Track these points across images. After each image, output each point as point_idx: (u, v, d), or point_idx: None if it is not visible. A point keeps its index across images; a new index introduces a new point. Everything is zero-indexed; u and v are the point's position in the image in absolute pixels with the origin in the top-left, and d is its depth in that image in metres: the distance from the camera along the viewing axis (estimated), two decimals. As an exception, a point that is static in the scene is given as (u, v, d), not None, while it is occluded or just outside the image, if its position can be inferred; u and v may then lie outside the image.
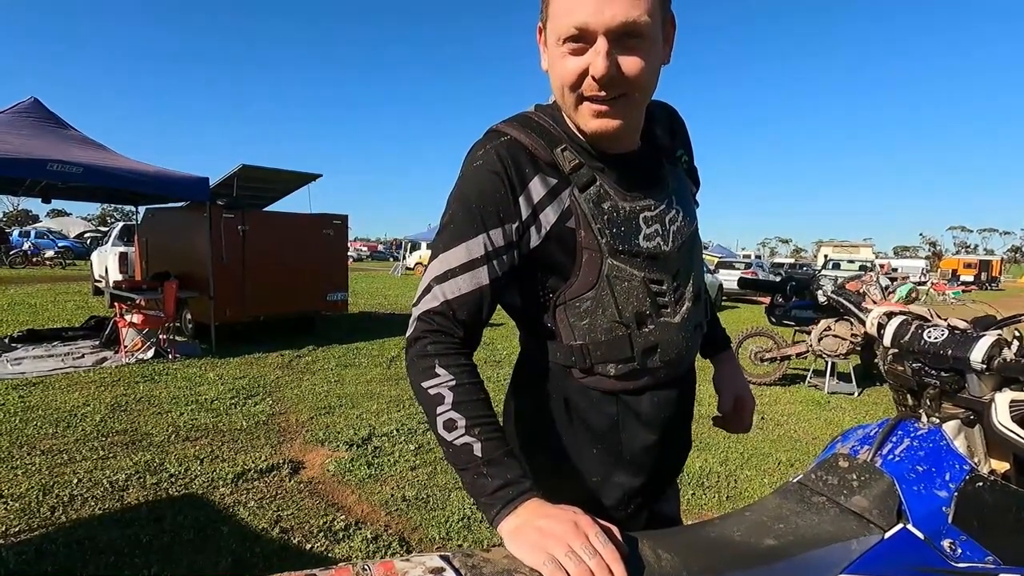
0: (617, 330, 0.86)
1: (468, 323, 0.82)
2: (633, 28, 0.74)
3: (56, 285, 14.24)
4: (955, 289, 18.98)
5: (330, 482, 3.20)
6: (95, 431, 3.81)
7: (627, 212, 0.86)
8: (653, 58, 0.79)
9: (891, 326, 0.99)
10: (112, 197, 8.52)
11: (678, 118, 1.03)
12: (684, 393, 0.98)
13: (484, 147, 0.85)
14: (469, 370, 0.79)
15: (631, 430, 0.92)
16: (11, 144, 5.54)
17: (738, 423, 1.15)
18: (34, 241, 24.33)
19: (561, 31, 0.77)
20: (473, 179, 0.84)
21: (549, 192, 0.84)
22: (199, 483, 3.09)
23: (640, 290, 0.86)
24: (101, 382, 5.08)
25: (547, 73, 0.85)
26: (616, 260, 0.85)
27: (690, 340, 0.94)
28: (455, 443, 0.74)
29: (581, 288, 0.86)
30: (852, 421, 4.84)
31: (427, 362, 0.78)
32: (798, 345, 5.92)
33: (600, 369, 0.88)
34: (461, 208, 0.83)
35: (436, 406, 0.76)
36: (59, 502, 2.79)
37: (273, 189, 8.70)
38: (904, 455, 0.87)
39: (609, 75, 0.75)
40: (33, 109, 6.38)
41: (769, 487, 3.35)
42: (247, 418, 4.24)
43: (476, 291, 0.81)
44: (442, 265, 0.82)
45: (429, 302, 0.81)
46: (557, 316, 0.88)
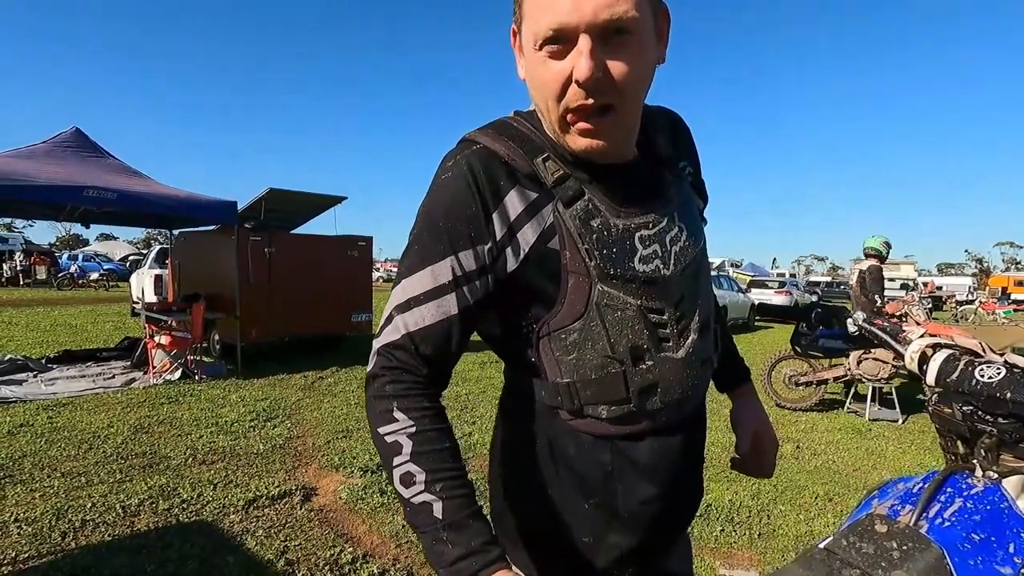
0: (609, 367, 0.75)
1: (433, 359, 0.72)
2: (619, 24, 0.65)
3: (98, 307, 14.77)
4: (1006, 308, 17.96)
5: (341, 510, 3.11)
6: (115, 453, 3.82)
7: (620, 230, 0.75)
8: (645, 57, 0.70)
9: (935, 361, 0.85)
10: (147, 221, 8.79)
11: (682, 125, 0.92)
12: (691, 439, 0.84)
13: (454, 157, 0.76)
14: (432, 414, 0.69)
15: (628, 481, 0.79)
16: (51, 172, 5.76)
17: (758, 467, 1.01)
18: (81, 264, 25.41)
19: (538, 32, 0.68)
20: (440, 194, 0.74)
21: (528, 207, 0.74)
22: (210, 509, 3.04)
23: (636, 320, 0.75)
24: (128, 403, 5.15)
25: (525, 82, 0.76)
26: (607, 286, 0.74)
27: (696, 378, 0.81)
28: (412, 501, 0.65)
29: (567, 318, 0.75)
30: (896, 452, 4.52)
31: (384, 404, 0.69)
32: (835, 368, 5.58)
33: (591, 411, 0.76)
34: (427, 227, 0.74)
35: (393, 456, 0.66)
36: (71, 527, 2.78)
37: (300, 212, 8.85)
38: (956, 519, 0.73)
39: (595, 78, 0.66)
40: (74, 139, 6.65)
41: (805, 523, 3.11)
42: (265, 441, 4.20)
43: (443, 322, 0.72)
44: (405, 292, 0.72)
45: (390, 334, 0.72)
46: (541, 349, 0.77)
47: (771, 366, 6.01)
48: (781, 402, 5.81)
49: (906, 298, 6.52)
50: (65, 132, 6.69)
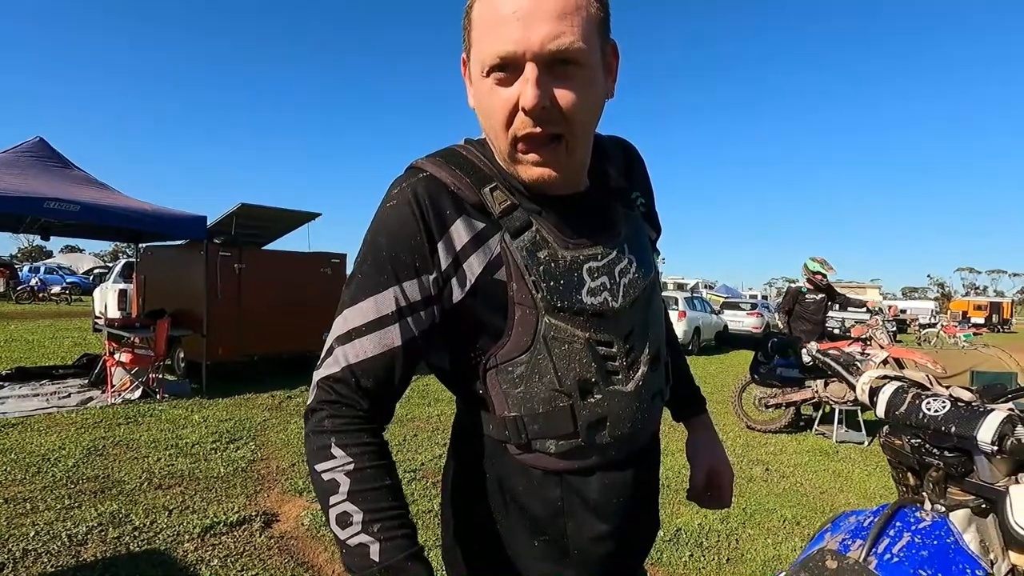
0: (557, 400, 0.73)
1: (375, 392, 0.70)
2: (566, 54, 0.65)
3: (59, 321, 14.23)
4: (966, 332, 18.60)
5: (303, 537, 3.01)
6: (65, 477, 3.64)
7: (568, 262, 0.74)
8: (592, 89, 0.70)
9: (884, 394, 0.86)
10: (111, 234, 8.54)
11: (635, 155, 0.92)
12: (642, 473, 0.82)
13: (400, 186, 0.74)
14: (373, 450, 0.67)
15: (578, 518, 0.77)
16: (11, 182, 5.57)
17: (714, 500, 1.00)
18: (42, 277, 24.52)
19: (485, 60, 0.67)
20: (385, 222, 0.73)
21: (474, 238, 0.73)
22: (163, 537, 2.90)
23: (584, 354, 0.73)
24: (82, 423, 4.93)
25: (474, 111, 0.75)
26: (555, 318, 0.72)
27: (647, 412, 0.80)
28: (348, 543, 0.62)
29: (514, 350, 0.73)
30: (862, 474, 4.58)
31: (322, 440, 0.66)
32: (804, 391, 5.67)
33: (539, 445, 0.74)
34: (371, 255, 0.72)
35: (329, 495, 0.64)
36: (10, 558, 2.62)
37: (272, 228, 8.71)
38: (904, 554, 0.73)
39: (541, 106, 0.65)
40: (37, 148, 6.46)
41: (772, 548, 3.11)
42: (226, 464, 4.06)
43: (385, 354, 0.69)
44: (346, 323, 0.70)
45: (330, 367, 0.70)
46: (488, 382, 0.75)
47: (741, 388, 6.07)
48: (751, 424, 5.87)
49: (870, 322, 6.72)
50: (28, 142, 6.50)
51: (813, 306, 6.15)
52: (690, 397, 1.03)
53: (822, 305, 6.23)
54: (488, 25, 0.67)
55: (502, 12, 0.65)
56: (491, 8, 0.66)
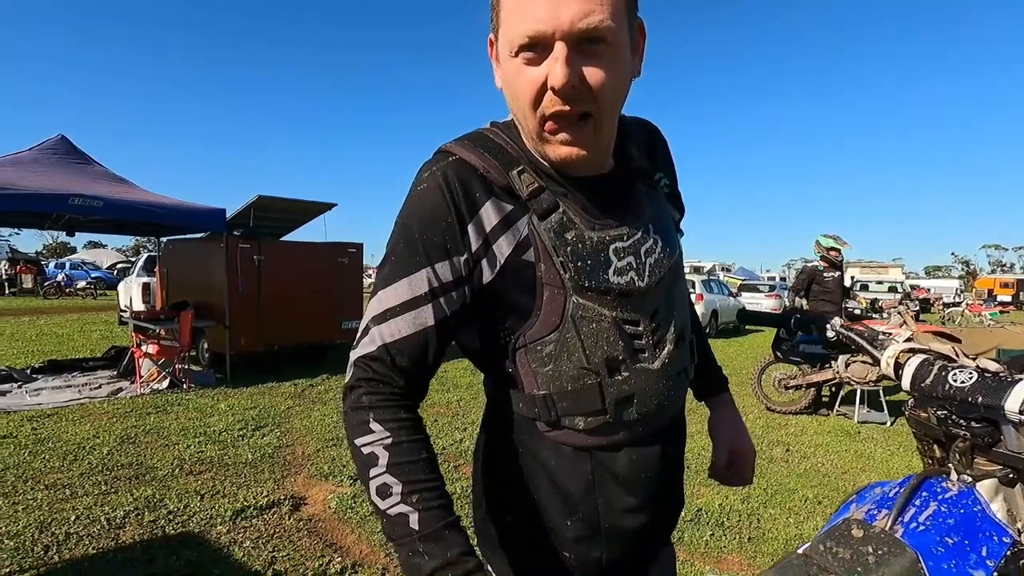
0: (585, 378, 0.75)
1: (410, 370, 0.72)
2: (595, 33, 0.66)
3: (85, 315, 14.60)
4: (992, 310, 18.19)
5: (331, 520, 3.09)
6: (101, 464, 3.77)
7: (595, 243, 0.75)
8: (620, 67, 0.70)
9: (910, 367, 0.86)
10: (134, 229, 8.73)
11: (658, 136, 0.92)
12: (669, 449, 0.84)
13: (430, 169, 0.76)
14: (410, 425, 0.69)
15: (608, 493, 0.79)
16: (36, 180, 5.70)
17: (735, 477, 1.01)
18: (68, 272, 25.13)
19: (514, 40, 0.68)
20: (416, 206, 0.75)
21: (503, 220, 0.74)
22: (197, 520, 3.00)
23: (611, 332, 0.75)
24: (114, 413, 5.09)
25: (502, 91, 0.76)
26: (582, 298, 0.74)
27: (673, 389, 0.81)
28: (388, 512, 0.64)
29: (543, 329, 0.75)
30: (884, 453, 4.55)
31: (361, 416, 0.69)
32: (824, 371, 5.62)
33: (567, 422, 0.76)
34: (403, 239, 0.74)
35: (369, 468, 0.66)
36: (54, 540, 2.73)
37: (289, 219, 8.81)
38: (930, 523, 0.74)
39: (571, 85, 0.66)
40: (59, 146, 6.59)
41: (794, 527, 3.12)
42: (253, 450, 4.16)
43: (419, 333, 0.72)
44: (381, 304, 0.72)
45: (366, 346, 0.72)
46: (518, 361, 0.77)
47: (761, 369, 6.03)
48: (771, 406, 5.85)
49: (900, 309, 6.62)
50: (51, 139, 6.63)
51: (832, 284, 6.02)
52: (712, 376, 1.04)
53: (840, 283, 6.11)
54: (517, 5, 0.68)
55: None
56: None
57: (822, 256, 6.06)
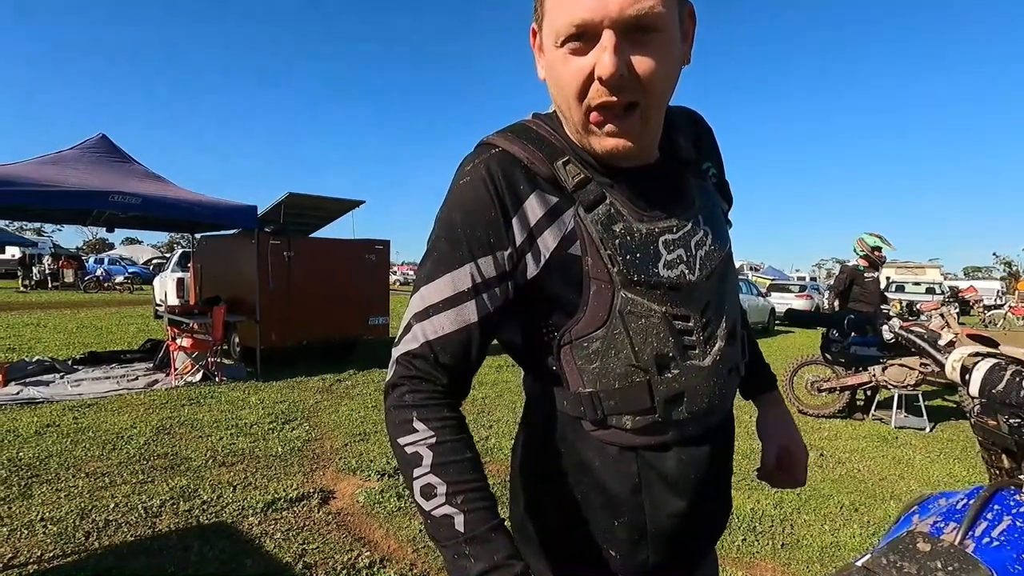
0: (634, 375, 0.72)
1: (453, 368, 0.70)
2: (644, 20, 0.63)
3: (123, 309, 15.08)
4: (1038, 313, 17.44)
5: (359, 514, 3.11)
6: (138, 454, 3.88)
7: (644, 235, 0.72)
8: (670, 55, 0.67)
9: (979, 371, 0.81)
10: (170, 226, 8.97)
11: (704, 126, 0.89)
12: (719, 449, 0.81)
13: (472, 162, 0.74)
14: (453, 424, 0.67)
15: (655, 495, 0.76)
16: (79, 178, 5.89)
17: (786, 478, 0.97)
18: (106, 268, 26.00)
19: (560, 29, 0.66)
20: (459, 199, 0.73)
21: (548, 212, 0.72)
22: (230, 511, 3.06)
23: (661, 328, 0.72)
24: (150, 404, 5.24)
25: (545, 82, 0.74)
26: (631, 292, 0.71)
27: (724, 387, 0.78)
28: (433, 513, 0.63)
29: (589, 325, 0.72)
30: (924, 460, 4.39)
31: (404, 414, 0.67)
32: (860, 375, 5.44)
33: (614, 422, 0.74)
34: (445, 233, 0.72)
35: (413, 468, 0.65)
36: (94, 527, 2.82)
37: (318, 216, 8.93)
38: (1005, 538, 0.69)
39: (619, 75, 0.63)
40: (100, 145, 6.79)
41: (830, 534, 3.03)
42: (283, 444, 4.23)
43: (462, 330, 0.70)
44: (423, 301, 0.71)
45: (408, 343, 0.71)
46: (563, 358, 0.75)
47: (793, 371, 5.88)
48: (803, 408, 5.71)
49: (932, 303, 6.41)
50: (92, 138, 6.83)
51: (872, 286, 5.81)
52: (760, 373, 1.00)
53: (879, 285, 5.91)
54: None
55: None
56: None
57: (864, 255, 5.79)
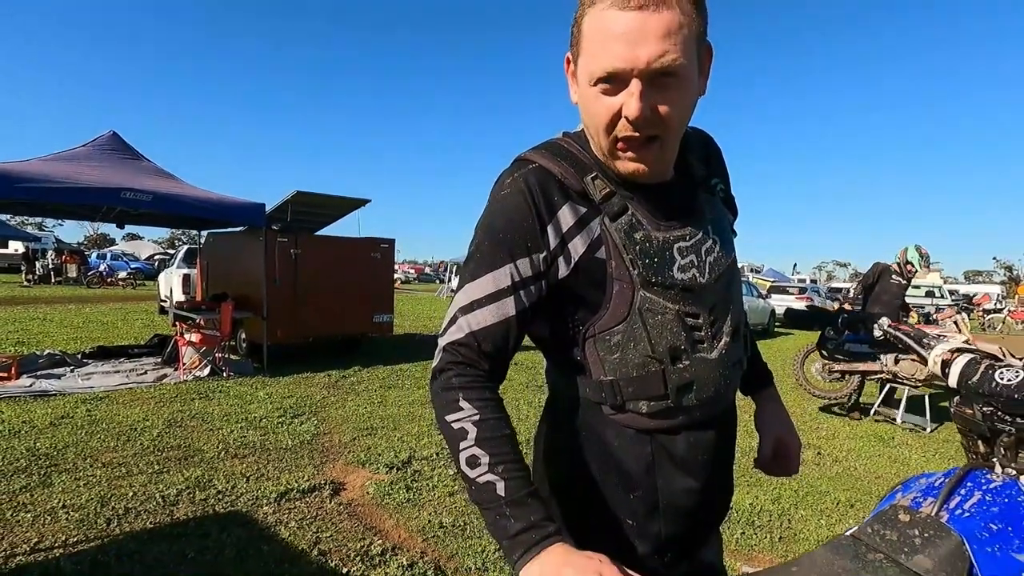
0: (650, 366, 0.82)
1: (493, 355, 0.80)
2: (667, 70, 0.73)
3: (126, 304, 15.17)
4: (1036, 317, 17.53)
5: (369, 505, 3.21)
6: (152, 445, 3.97)
7: (660, 243, 0.83)
8: (688, 96, 0.78)
9: (957, 365, 0.91)
10: (179, 222, 9.06)
11: (714, 145, 0.99)
12: (723, 435, 0.92)
13: (512, 175, 0.84)
14: (494, 404, 0.77)
15: (667, 473, 0.86)
16: (90, 175, 5.99)
17: (781, 467, 1.07)
18: (109, 263, 26.08)
19: (594, 72, 0.76)
20: (500, 208, 0.83)
21: (578, 221, 0.82)
22: (244, 501, 3.16)
23: (674, 324, 0.82)
24: (160, 398, 5.33)
25: (576, 105, 0.84)
26: (649, 292, 0.82)
27: (728, 378, 0.88)
28: (477, 480, 0.72)
29: (612, 321, 0.83)
30: (920, 460, 4.49)
31: (451, 395, 0.77)
32: (873, 363, 5.52)
33: (632, 406, 0.84)
34: (488, 238, 0.82)
35: (459, 441, 0.74)
36: (115, 514, 2.91)
37: (325, 214, 9.02)
38: (975, 511, 0.78)
39: (644, 117, 0.74)
40: (111, 142, 6.89)
41: (827, 529, 3.13)
42: (293, 437, 4.33)
43: (502, 323, 0.80)
44: (468, 296, 0.81)
45: (454, 333, 0.80)
46: (587, 349, 0.85)
47: (804, 355, 6.07)
48: (814, 392, 5.91)
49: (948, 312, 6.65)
50: (103, 136, 6.93)
51: (894, 289, 5.94)
52: (758, 371, 1.10)
53: (902, 293, 6.05)
54: (598, 41, 0.75)
55: (613, 31, 0.72)
56: (602, 25, 0.74)
57: (899, 263, 5.94)
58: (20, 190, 5.28)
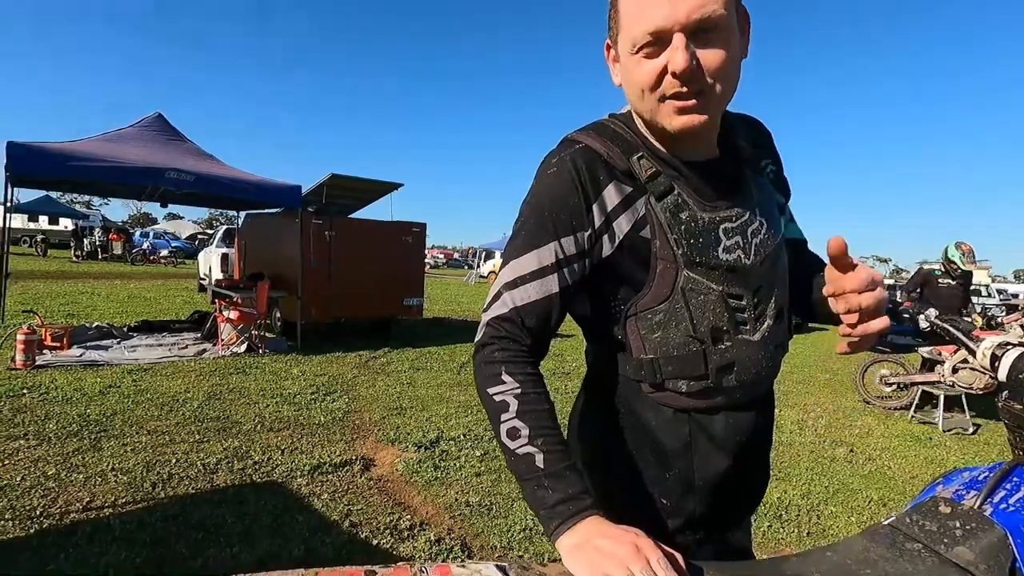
0: (691, 345, 0.82)
1: (536, 331, 0.81)
2: (709, 22, 0.73)
3: (168, 281, 15.75)
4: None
5: (398, 481, 3.29)
6: (193, 416, 4.15)
7: (706, 222, 0.82)
8: (732, 50, 0.76)
9: (1008, 358, 0.88)
10: (218, 203, 9.33)
11: (762, 128, 0.98)
12: (761, 417, 0.91)
13: (559, 155, 0.85)
14: (535, 379, 0.79)
15: (703, 452, 0.87)
16: (137, 154, 6.21)
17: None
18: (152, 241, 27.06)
19: (636, 38, 0.76)
20: (546, 186, 0.84)
21: (623, 200, 0.82)
22: (279, 472, 3.28)
23: (717, 304, 0.82)
24: (200, 371, 5.54)
25: (620, 87, 0.84)
26: (693, 272, 0.81)
27: (770, 360, 0.88)
28: (517, 452, 0.74)
29: (654, 300, 0.83)
30: (958, 462, 4.35)
31: (494, 368, 0.79)
32: (929, 374, 5.47)
33: (671, 385, 0.84)
34: (533, 215, 0.83)
35: (500, 413, 0.76)
36: (159, 479, 3.06)
37: (359, 197, 9.16)
38: (1021, 505, 0.77)
39: (690, 69, 0.73)
40: (157, 123, 7.12)
41: (857, 526, 3.07)
42: (325, 414, 4.46)
43: (545, 299, 0.81)
44: (512, 272, 0.82)
45: (498, 308, 0.82)
46: (628, 328, 0.86)
47: (866, 366, 6.17)
48: (868, 399, 5.99)
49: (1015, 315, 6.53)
50: (149, 117, 7.17)
51: (946, 293, 5.81)
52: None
53: (957, 293, 5.88)
54: (636, 8, 0.76)
55: None
56: None
57: (942, 262, 5.93)
58: (71, 168, 5.52)
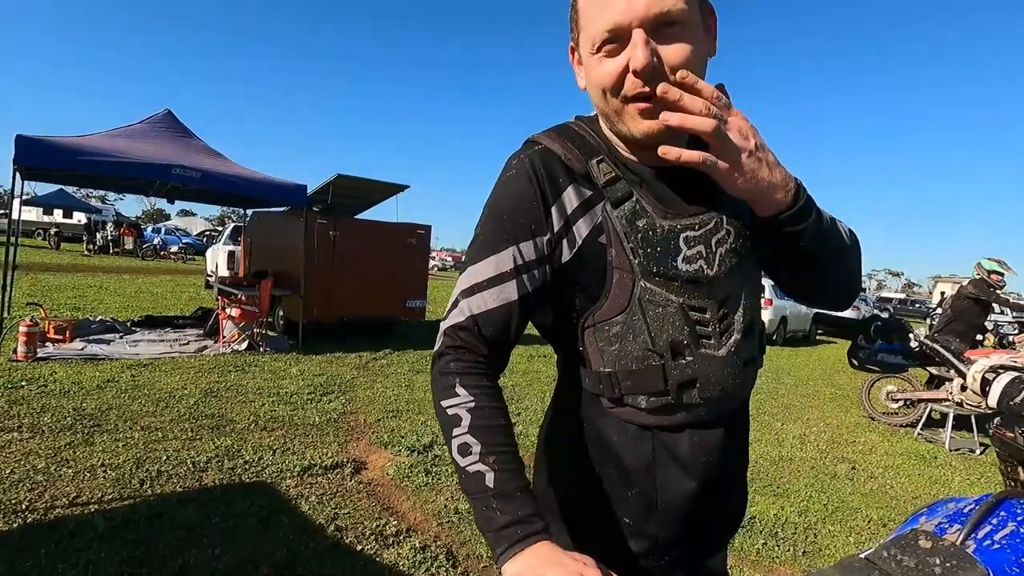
0: (650, 359, 0.78)
1: (494, 341, 0.78)
2: (668, 16, 0.69)
3: (177, 277, 15.85)
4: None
5: (388, 485, 3.26)
6: (188, 413, 4.14)
7: (665, 231, 0.78)
8: (695, 45, 0.72)
9: (999, 383, 0.83)
10: (225, 200, 9.37)
11: None
12: (732, 436, 0.86)
13: (518, 157, 0.82)
14: (491, 393, 0.75)
15: (667, 472, 0.82)
16: (145, 150, 6.25)
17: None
18: (163, 237, 27.29)
19: (595, 37, 0.73)
20: (504, 190, 0.81)
21: (583, 203, 0.79)
22: (269, 472, 3.25)
23: (677, 317, 0.78)
24: (199, 368, 5.54)
25: (586, 91, 0.81)
26: (650, 283, 0.77)
27: (738, 377, 0.82)
28: (468, 469, 0.70)
29: (611, 311, 0.79)
30: (963, 484, 4.25)
31: (448, 380, 0.75)
32: (937, 391, 5.42)
33: (630, 400, 0.80)
34: (491, 220, 0.80)
35: (452, 427, 0.72)
36: (148, 476, 3.05)
37: (364, 198, 9.17)
38: (1007, 543, 0.72)
39: (651, 66, 0.69)
40: (165, 120, 7.16)
41: (855, 546, 3.00)
42: (320, 414, 4.43)
43: (504, 307, 0.77)
44: (469, 279, 0.78)
45: (455, 317, 0.78)
46: (586, 339, 0.82)
47: (870, 385, 6.13)
48: (874, 415, 5.92)
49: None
50: (158, 113, 7.21)
51: (973, 312, 5.83)
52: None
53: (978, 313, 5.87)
54: (595, 7, 0.72)
55: None
56: None
57: (982, 278, 5.84)
58: (80, 162, 5.56)
